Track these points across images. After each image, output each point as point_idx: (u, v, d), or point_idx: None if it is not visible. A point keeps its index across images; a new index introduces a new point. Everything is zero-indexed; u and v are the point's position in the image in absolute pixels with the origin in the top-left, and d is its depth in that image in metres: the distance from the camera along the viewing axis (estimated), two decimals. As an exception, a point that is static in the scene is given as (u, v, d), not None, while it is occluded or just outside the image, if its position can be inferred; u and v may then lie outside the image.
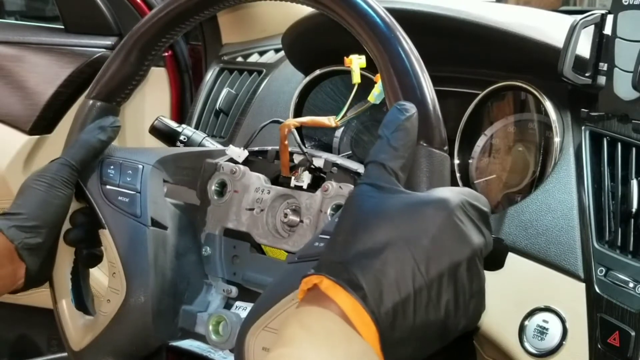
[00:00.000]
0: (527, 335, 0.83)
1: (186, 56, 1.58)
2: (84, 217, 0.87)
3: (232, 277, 0.87)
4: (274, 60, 1.40)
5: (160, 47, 0.87)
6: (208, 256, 0.88)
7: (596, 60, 0.87)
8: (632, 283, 0.78)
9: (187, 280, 0.87)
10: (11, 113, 1.50)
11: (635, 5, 0.81)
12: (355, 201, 0.57)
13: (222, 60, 1.47)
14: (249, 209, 0.85)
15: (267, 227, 0.83)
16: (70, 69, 1.49)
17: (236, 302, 0.87)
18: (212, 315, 0.84)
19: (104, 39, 1.53)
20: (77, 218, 0.87)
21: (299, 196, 0.82)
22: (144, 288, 0.83)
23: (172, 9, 0.83)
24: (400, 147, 0.60)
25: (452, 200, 0.56)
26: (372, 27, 0.69)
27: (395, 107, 0.62)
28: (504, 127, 1.05)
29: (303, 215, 0.81)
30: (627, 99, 0.83)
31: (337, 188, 0.79)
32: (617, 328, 0.78)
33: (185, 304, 0.87)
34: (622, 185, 0.83)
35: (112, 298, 0.83)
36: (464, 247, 0.55)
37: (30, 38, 1.55)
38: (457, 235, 0.55)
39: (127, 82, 0.88)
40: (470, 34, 1.01)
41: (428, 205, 0.56)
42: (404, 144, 0.60)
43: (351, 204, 0.58)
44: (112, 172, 0.87)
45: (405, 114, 0.62)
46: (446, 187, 0.60)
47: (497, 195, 1.03)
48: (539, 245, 0.85)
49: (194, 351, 0.85)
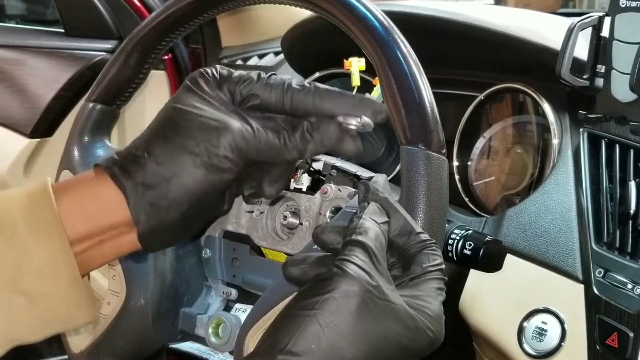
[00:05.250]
0: (526, 337, 0.83)
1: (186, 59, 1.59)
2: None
3: (232, 279, 0.87)
4: (273, 63, 1.41)
5: (160, 50, 0.87)
6: (208, 259, 0.88)
7: (594, 63, 0.87)
8: (631, 284, 0.78)
9: (187, 283, 0.88)
10: (12, 116, 1.51)
11: (632, 7, 0.81)
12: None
13: (221, 63, 1.48)
14: (249, 212, 0.85)
15: (266, 230, 0.84)
16: (70, 72, 1.49)
17: (236, 305, 0.87)
18: (212, 318, 0.85)
19: (104, 43, 1.53)
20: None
21: (298, 199, 0.82)
22: (144, 290, 0.83)
23: (172, 12, 0.83)
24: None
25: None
26: (370, 30, 0.69)
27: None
28: (502, 129, 1.05)
29: (302, 217, 0.81)
30: (625, 101, 0.83)
31: (336, 190, 0.79)
32: (615, 329, 0.78)
33: (185, 306, 0.88)
34: (620, 186, 0.83)
35: (112, 300, 0.84)
36: None
37: (30, 42, 1.55)
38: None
39: (127, 85, 0.88)
40: (468, 36, 1.01)
41: None
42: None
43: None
44: None
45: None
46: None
47: (495, 197, 1.04)
48: (538, 247, 0.86)
49: (193, 353, 0.85)
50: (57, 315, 0.55)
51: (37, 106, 1.50)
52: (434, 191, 0.67)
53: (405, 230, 0.57)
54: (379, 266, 0.52)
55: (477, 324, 0.89)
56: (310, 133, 0.58)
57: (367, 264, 0.52)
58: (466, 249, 0.83)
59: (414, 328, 0.51)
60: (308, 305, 0.50)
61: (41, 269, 0.54)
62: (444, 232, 0.82)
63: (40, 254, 0.54)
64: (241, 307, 0.87)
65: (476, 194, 1.05)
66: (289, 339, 0.49)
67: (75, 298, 0.55)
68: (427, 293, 0.53)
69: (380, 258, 0.53)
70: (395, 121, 0.68)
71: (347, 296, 0.50)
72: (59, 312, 0.55)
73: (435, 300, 0.53)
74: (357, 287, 0.50)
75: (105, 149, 0.90)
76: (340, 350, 0.49)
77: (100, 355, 0.84)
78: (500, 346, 0.86)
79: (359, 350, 0.49)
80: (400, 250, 0.57)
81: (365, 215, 0.56)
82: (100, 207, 0.56)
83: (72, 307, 0.55)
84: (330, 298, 0.50)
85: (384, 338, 0.50)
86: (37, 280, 0.54)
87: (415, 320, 0.51)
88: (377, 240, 0.54)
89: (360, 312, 0.50)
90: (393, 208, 0.58)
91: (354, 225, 0.55)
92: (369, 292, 0.50)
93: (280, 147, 0.58)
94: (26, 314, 0.54)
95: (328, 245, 0.56)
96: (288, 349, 0.48)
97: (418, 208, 0.66)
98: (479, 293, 0.88)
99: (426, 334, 0.52)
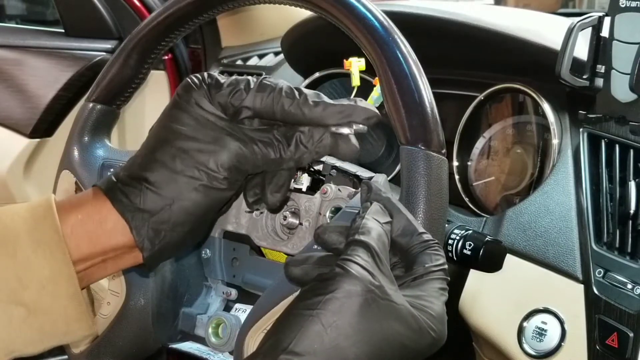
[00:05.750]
0: (525, 337, 0.83)
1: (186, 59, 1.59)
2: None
3: (232, 279, 0.87)
4: (273, 64, 1.41)
5: (160, 50, 0.87)
6: (208, 259, 0.88)
7: (594, 63, 0.87)
8: (630, 284, 0.78)
9: (187, 283, 0.88)
10: (12, 116, 1.51)
11: (632, 7, 0.81)
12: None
13: (221, 64, 1.48)
14: (249, 212, 0.85)
15: (266, 230, 0.84)
16: (70, 72, 1.50)
17: (236, 305, 0.87)
18: (212, 318, 0.85)
19: (104, 43, 1.53)
20: None
21: (298, 199, 0.82)
22: (144, 291, 0.83)
23: (172, 12, 0.83)
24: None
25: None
26: (370, 30, 0.69)
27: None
28: (502, 129, 1.05)
29: (302, 217, 0.81)
30: (625, 101, 0.83)
31: (336, 191, 0.79)
32: (615, 329, 0.78)
33: (185, 306, 0.88)
34: (620, 186, 0.83)
35: (112, 300, 0.84)
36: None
37: (30, 42, 1.55)
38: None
39: (127, 85, 0.88)
40: (468, 36, 1.01)
41: None
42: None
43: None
44: None
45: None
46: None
47: (495, 197, 1.04)
48: (538, 247, 0.86)
49: (193, 353, 0.85)
50: (56, 328, 0.56)
51: (37, 106, 1.50)
52: (434, 191, 0.67)
53: (408, 230, 0.57)
54: (382, 266, 0.52)
55: (477, 324, 0.89)
56: (304, 144, 0.59)
57: (370, 264, 0.52)
58: (466, 249, 0.83)
59: (417, 328, 0.51)
60: (310, 305, 0.50)
61: (42, 282, 0.55)
62: (444, 232, 0.82)
63: (41, 268, 0.55)
64: (241, 307, 0.87)
65: (476, 194, 1.05)
66: (291, 338, 0.49)
67: (74, 312, 0.56)
68: (429, 293, 0.53)
69: (383, 258, 0.53)
70: (395, 121, 0.68)
71: (349, 296, 0.50)
72: (58, 325, 0.56)
73: (437, 301, 0.53)
74: (360, 287, 0.50)
75: (105, 149, 0.90)
76: (343, 350, 0.49)
77: (100, 355, 0.84)
78: (500, 346, 0.86)
79: (361, 350, 0.49)
80: (402, 250, 0.57)
81: (368, 215, 0.56)
82: (104, 231, 0.58)
83: (71, 321, 0.57)
84: (332, 298, 0.50)
85: (387, 338, 0.50)
86: (37, 293, 0.55)
87: (418, 320, 0.51)
88: (380, 240, 0.54)
89: (363, 312, 0.50)
90: (396, 208, 0.58)
91: (357, 225, 0.55)
92: (372, 292, 0.50)
93: (276, 160, 0.60)
94: (25, 326, 0.55)
95: (330, 245, 0.57)
96: (290, 349, 0.48)
97: (418, 208, 0.66)
98: (479, 293, 0.88)
99: (429, 334, 0.52)
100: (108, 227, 0.58)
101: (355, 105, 0.59)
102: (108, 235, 0.58)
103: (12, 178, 1.49)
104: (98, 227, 0.57)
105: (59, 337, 0.57)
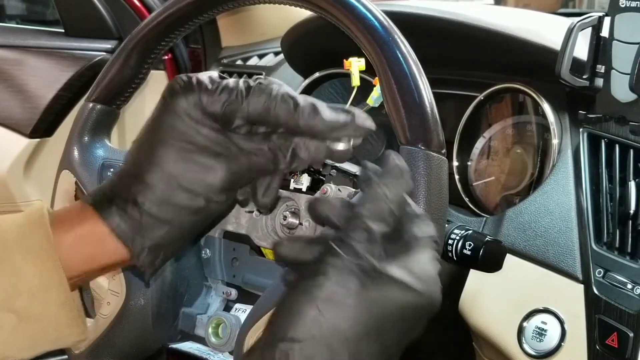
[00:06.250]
0: (525, 337, 0.83)
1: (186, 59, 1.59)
2: None
3: (232, 279, 0.87)
4: (273, 64, 1.41)
5: (160, 50, 0.87)
6: (208, 259, 0.88)
7: (593, 63, 0.87)
8: (630, 284, 0.78)
9: (187, 283, 0.88)
10: (12, 116, 1.51)
11: (632, 7, 0.81)
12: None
13: (221, 64, 1.48)
14: (249, 212, 0.85)
15: (266, 230, 0.84)
16: (70, 72, 1.50)
17: (236, 305, 0.87)
18: (212, 318, 0.85)
19: (103, 43, 1.53)
20: None
21: (298, 199, 0.82)
22: (144, 290, 0.83)
23: (172, 12, 0.84)
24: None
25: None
26: (370, 30, 0.69)
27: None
28: (502, 129, 1.05)
29: (302, 217, 0.81)
30: (625, 101, 0.83)
31: (335, 191, 0.79)
32: (615, 329, 0.78)
33: (185, 306, 0.88)
34: (620, 186, 0.83)
35: (112, 300, 0.84)
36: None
37: (30, 42, 1.55)
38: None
39: (127, 85, 0.88)
40: (468, 36, 1.01)
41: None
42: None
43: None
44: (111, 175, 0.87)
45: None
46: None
47: (495, 197, 1.04)
48: (538, 247, 0.86)
49: (193, 353, 0.85)
50: (47, 335, 0.57)
51: (37, 106, 1.50)
52: (434, 191, 0.67)
53: (400, 201, 0.57)
54: (374, 241, 0.52)
55: (477, 324, 0.89)
56: (300, 156, 0.60)
57: (363, 245, 0.51)
58: (466, 249, 0.83)
59: (412, 295, 0.51)
60: (305, 289, 0.50)
61: (32, 290, 0.55)
62: (443, 232, 0.82)
63: (32, 275, 0.55)
64: (241, 307, 0.87)
65: (476, 194, 1.05)
66: (289, 325, 0.48)
67: (65, 318, 0.57)
68: (421, 260, 0.53)
69: (375, 232, 0.52)
70: (395, 121, 0.68)
71: (343, 276, 0.49)
72: (49, 332, 0.57)
73: (429, 266, 0.53)
74: (353, 267, 0.50)
75: (105, 149, 0.90)
76: (343, 332, 0.49)
77: (100, 355, 0.84)
78: (500, 346, 0.86)
79: (361, 328, 0.49)
80: (395, 221, 0.57)
81: (364, 195, 0.55)
82: (100, 250, 0.59)
83: (62, 327, 0.57)
84: (326, 281, 0.49)
85: (384, 313, 0.50)
86: (28, 300, 0.55)
87: (412, 287, 0.51)
88: (372, 213, 0.53)
89: (358, 291, 0.49)
90: (388, 181, 0.57)
91: (348, 202, 0.54)
92: (364, 268, 0.50)
93: (270, 171, 0.61)
94: (17, 333, 0.56)
95: (324, 219, 0.55)
96: (289, 337, 0.48)
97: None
98: (479, 293, 0.88)
99: (424, 298, 0.51)
100: (105, 246, 0.58)
101: (352, 121, 0.58)
102: (106, 255, 0.59)
103: (12, 178, 1.49)
104: (95, 248, 0.58)
105: (51, 343, 0.58)
